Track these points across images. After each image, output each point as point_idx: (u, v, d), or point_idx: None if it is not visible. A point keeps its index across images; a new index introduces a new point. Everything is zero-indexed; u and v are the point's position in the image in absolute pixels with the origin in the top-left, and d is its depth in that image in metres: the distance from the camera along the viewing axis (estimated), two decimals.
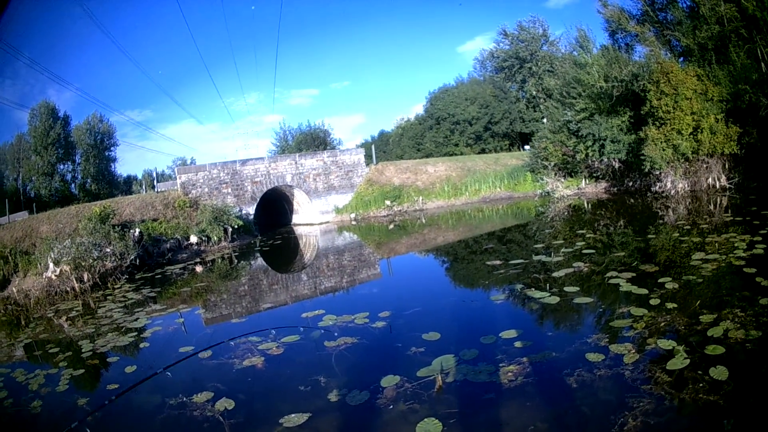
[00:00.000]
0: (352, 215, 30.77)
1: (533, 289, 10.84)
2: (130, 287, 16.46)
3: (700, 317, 7.79)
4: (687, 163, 24.67)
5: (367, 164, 34.26)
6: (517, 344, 7.77)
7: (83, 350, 10.02)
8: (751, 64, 23.66)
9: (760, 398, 5.60)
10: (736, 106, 23.30)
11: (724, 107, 23.69)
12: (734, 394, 5.60)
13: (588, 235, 16.66)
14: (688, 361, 6.39)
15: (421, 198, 32.09)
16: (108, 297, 15.30)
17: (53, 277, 17.04)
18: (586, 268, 12.22)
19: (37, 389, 8.16)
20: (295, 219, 33.73)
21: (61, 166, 54.34)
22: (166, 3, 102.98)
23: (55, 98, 61.24)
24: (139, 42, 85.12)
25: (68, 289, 16.80)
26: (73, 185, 55.55)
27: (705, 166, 24.64)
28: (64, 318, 13.60)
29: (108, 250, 18.32)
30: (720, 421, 5.14)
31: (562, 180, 31.38)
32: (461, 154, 48.82)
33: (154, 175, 39.87)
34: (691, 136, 23.64)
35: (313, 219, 31.44)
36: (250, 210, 28.91)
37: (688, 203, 21.88)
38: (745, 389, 5.75)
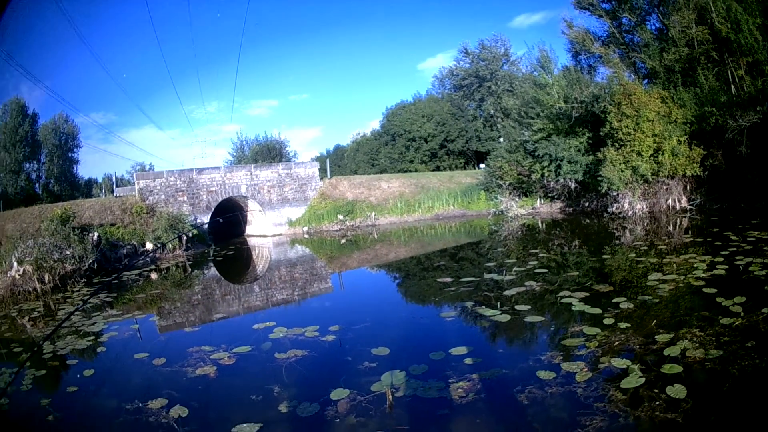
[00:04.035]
0: (305, 228, 30.70)
1: (484, 306, 10.77)
2: (88, 291, 16.63)
3: (656, 337, 7.78)
4: (646, 185, 25.22)
5: (322, 178, 34.27)
6: (467, 361, 7.72)
7: (45, 351, 10.09)
8: (720, 87, 24.45)
9: (720, 416, 5.56)
10: (701, 128, 23.95)
11: (688, 129, 24.36)
12: (694, 412, 5.54)
13: (541, 255, 16.79)
14: (643, 379, 6.33)
15: (373, 213, 32.03)
16: (67, 300, 15.48)
17: (17, 276, 17.18)
18: (538, 287, 12.22)
19: (4, 387, 8.26)
20: (249, 230, 33.65)
21: (27, 165, 54.15)
22: (135, 5, 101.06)
23: (26, 95, 59.80)
24: (106, 42, 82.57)
25: (30, 289, 16.96)
26: (37, 185, 54.86)
27: (665, 187, 25.24)
28: (26, 318, 13.79)
29: (68, 252, 18.53)
30: None
31: (517, 199, 31.64)
32: (416, 170, 49.07)
33: (114, 179, 39.72)
34: (652, 158, 24.23)
35: (266, 231, 31.50)
36: (205, 219, 28.93)
37: (646, 224, 22.33)
38: (705, 407, 5.71)
